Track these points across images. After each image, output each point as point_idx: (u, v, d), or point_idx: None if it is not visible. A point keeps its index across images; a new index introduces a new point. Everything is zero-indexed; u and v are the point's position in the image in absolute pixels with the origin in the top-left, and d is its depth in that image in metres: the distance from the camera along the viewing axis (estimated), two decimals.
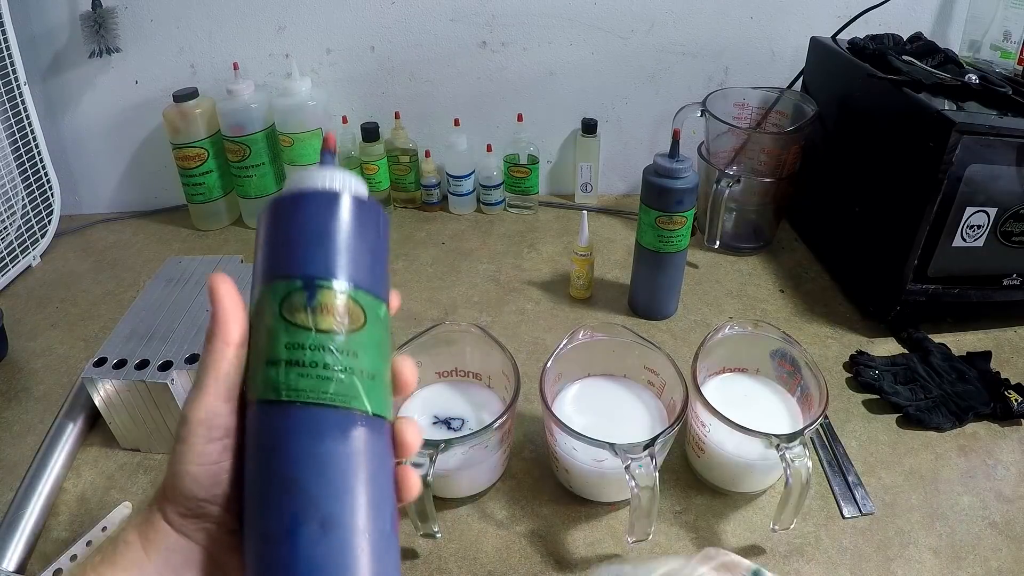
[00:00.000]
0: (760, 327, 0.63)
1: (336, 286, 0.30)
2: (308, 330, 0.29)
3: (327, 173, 0.32)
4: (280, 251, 0.30)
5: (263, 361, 0.29)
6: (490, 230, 1.03)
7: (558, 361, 0.60)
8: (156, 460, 0.65)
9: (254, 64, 1.00)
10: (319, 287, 0.29)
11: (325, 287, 0.29)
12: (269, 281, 0.30)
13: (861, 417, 0.69)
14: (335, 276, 0.30)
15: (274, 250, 0.31)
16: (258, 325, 0.30)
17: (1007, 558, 0.55)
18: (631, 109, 1.06)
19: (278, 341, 0.29)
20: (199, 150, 0.97)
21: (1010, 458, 0.64)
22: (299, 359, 0.28)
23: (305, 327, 0.29)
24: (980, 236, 0.72)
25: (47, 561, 0.55)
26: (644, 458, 0.50)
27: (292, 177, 0.33)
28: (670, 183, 0.73)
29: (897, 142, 0.74)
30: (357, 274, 0.31)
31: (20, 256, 0.95)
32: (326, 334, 0.29)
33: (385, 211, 0.33)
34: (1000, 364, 0.75)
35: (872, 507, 0.59)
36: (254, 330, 0.30)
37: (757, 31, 1.00)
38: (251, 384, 0.29)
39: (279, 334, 0.29)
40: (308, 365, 0.28)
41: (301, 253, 0.30)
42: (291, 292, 0.29)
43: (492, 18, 0.98)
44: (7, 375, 0.77)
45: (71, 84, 1.00)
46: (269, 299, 0.30)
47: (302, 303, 0.29)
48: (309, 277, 0.29)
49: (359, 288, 0.30)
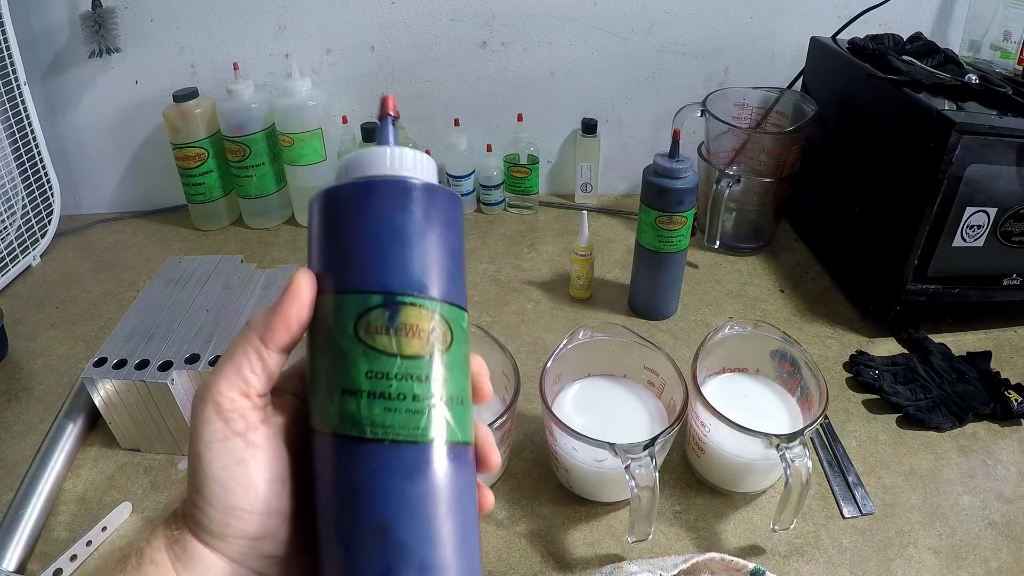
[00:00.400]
0: (760, 327, 0.63)
1: (422, 302, 0.26)
2: (393, 356, 0.25)
3: (398, 155, 0.27)
4: (349, 256, 0.26)
5: (336, 388, 0.25)
6: (490, 230, 1.03)
7: (558, 361, 0.60)
8: (156, 460, 0.65)
9: (254, 64, 1.00)
10: (402, 304, 0.25)
11: (409, 304, 0.25)
12: (336, 292, 0.26)
13: (861, 417, 0.69)
14: (420, 290, 0.26)
15: (340, 254, 0.26)
16: (323, 341, 0.26)
17: (1007, 558, 0.55)
18: (631, 109, 1.06)
19: (356, 368, 0.25)
20: (199, 150, 0.97)
21: (1010, 458, 0.64)
22: (384, 391, 0.25)
23: (389, 353, 0.25)
24: (980, 236, 0.72)
25: (47, 561, 0.55)
26: (644, 458, 0.50)
27: (353, 159, 0.27)
28: (670, 183, 0.73)
29: (897, 142, 0.74)
30: (443, 284, 0.26)
31: (20, 256, 0.95)
32: (413, 360, 0.25)
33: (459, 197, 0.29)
34: (1000, 364, 0.75)
35: (872, 507, 0.59)
36: (317, 344, 0.27)
37: (757, 31, 1.00)
38: (320, 411, 0.26)
39: (356, 359, 0.25)
40: (395, 398, 0.25)
41: (377, 261, 0.26)
42: (368, 310, 0.25)
43: (492, 18, 0.98)
44: (7, 375, 0.77)
45: (71, 84, 1.00)
46: (338, 315, 0.26)
47: (383, 324, 0.25)
48: (390, 292, 0.25)
49: (445, 301, 0.26)
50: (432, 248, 0.26)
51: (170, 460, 0.65)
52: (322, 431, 0.26)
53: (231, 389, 0.26)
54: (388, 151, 0.27)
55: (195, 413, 0.26)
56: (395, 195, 0.26)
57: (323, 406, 0.26)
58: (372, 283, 0.25)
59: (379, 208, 0.26)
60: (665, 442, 0.53)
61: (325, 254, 0.27)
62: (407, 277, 0.26)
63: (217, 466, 0.26)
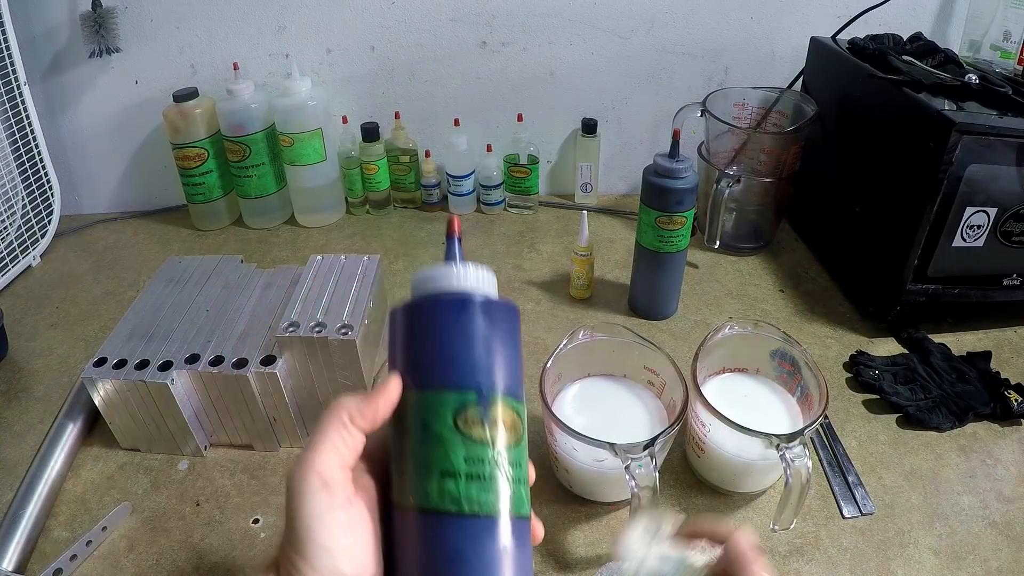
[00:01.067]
0: (760, 327, 0.63)
1: (507, 400, 0.31)
2: (486, 445, 0.30)
3: (474, 274, 0.33)
4: (447, 359, 0.31)
5: (434, 469, 0.29)
6: (490, 230, 1.03)
7: (558, 361, 0.60)
8: (156, 460, 0.65)
9: (254, 64, 1.00)
10: (492, 400, 0.31)
11: (497, 401, 0.31)
12: (433, 388, 0.31)
13: (861, 417, 0.69)
14: (504, 389, 0.31)
15: (438, 357, 0.31)
16: (418, 429, 0.30)
17: (1007, 558, 0.55)
18: (631, 109, 1.06)
19: (455, 453, 0.29)
20: (199, 150, 0.97)
21: (1010, 458, 0.64)
22: (480, 473, 0.30)
23: (483, 442, 0.30)
24: (980, 236, 0.72)
25: (47, 561, 0.55)
26: (644, 458, 0.50)
27: (432, 276, 0.33)
28: (670, 183, 0.73)
29: (897, 142, 0.74)
30: (516, 384, 0.32)
31: (20, 256, 0.95)
32: (500, 448, 0.30)
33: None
34: (1000, 364, 0.75)
35: (872, 507, 0.59)
36: (411, 432, 0.31)
37: (757, 31, 1.00)
38: (413, 490, 0.30)
39: (455, 446, 0.30)
40: (488, 479, 0.30)
41: (473, 364, 0.31)
42: (466, 405, 0.30)
43: (492, 18, 0.98)
44: (7, 375, 0.77)
45: (71, 84, 1.00)
46: (436, 407, 0.30)
47: (479, 417, 0.30)
48: (483, 391, 0.31)
49: (518, 398, 0.32)
50: (508, 354, 0.32)
51: (170, 460, 0.65)
52: (415, 507, 0.30)
53: (332, 461, 0.30)
54: (472, 271, 0.33)
55: (299, 485, 0.29)
56: (482, 311, 0.32)
57: (417, 485, 0.30)
58: (470, 383, 0.31)
59: (471, 321, 0.32)
60: (665, 442, 0.53)
61: (419, 357, 0.32)
62: (494, 379, 0.31)
63: (327, 536, 0.28)
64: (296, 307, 0.64)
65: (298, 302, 0.65)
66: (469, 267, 0.33)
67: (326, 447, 0.30)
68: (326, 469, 0.29)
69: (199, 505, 0.61)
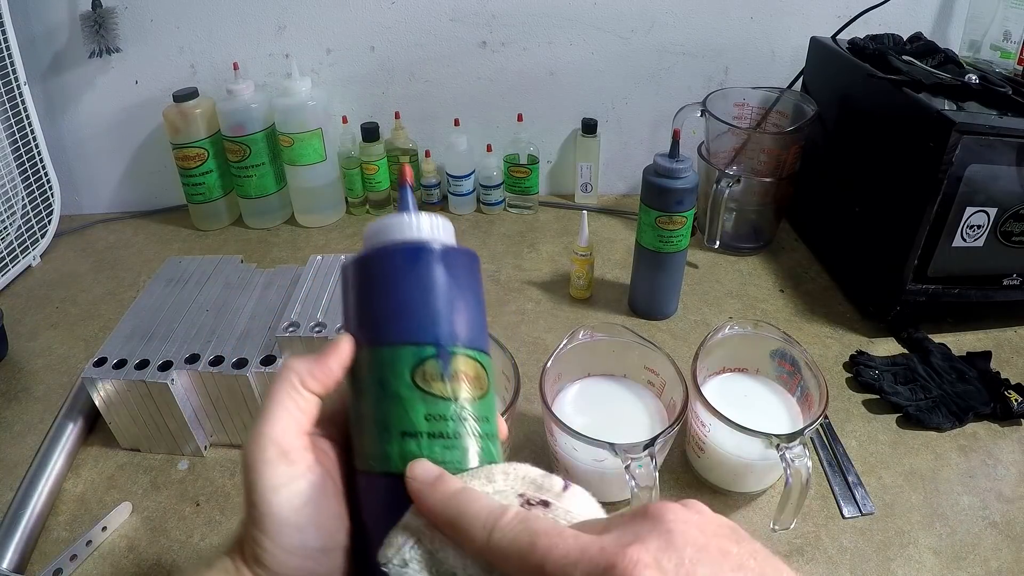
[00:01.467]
0: (760, 327, 0.63)
1: (467, 351, 0.29)
2: (448, 400, 0.28)
3: (427, 222, 0.31)
4: (401, 313, 0.29)
5: (394, 431, 0.28)
6: (490, 230, 1.03)
7: (558, 361, 0.60)
8: (156, 460, 0.65)
9: (254, 64, 1.00)
10: (453, 354, 0.29)
11: (458, 353, 0.29)
12: (388, 344, 0.29)
13: (861, 417, 0.69)
14: (465, 341, 0.29)
15: (391, 311, 0.29)
16: (376, 388, 0.29)
17: (1007, 558, 0.55)
18: (631, 109, 1.06)
19: (415, 412, 0.28)
20: (199, 150, 0.97)
21: (1010, 458, 0.64)
22: (442, 431, 0.28)
23: (444, 397, 0.28)
24: (980, 236, 0.72)
25: (47, 561, 0.55)
26: (644, 458, 0.50)
27: (383, 226, 0.31)
28: (670, 183, 0.73)
29: (897, 142, 0.74)
30: (479, 336, 0.30)
31: (20, 256, 0.95)
32: (463, 403, 0.28)
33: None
34: (1000, 364, 0.75)
35: (872, 507, 0.59)
36: (368, 392, 0.29)
37: (757, 31, 1.00)
38: (374, 454, 0.28)
39: (414, 404, 0.28)
40: (452, 436, 0.28)
41: (429, 316, 0.29)
42: (424, 360, 0.28)
43: (492, 18, 0.98)
44: (7, 375, 0.77)
45: (71, 84, 1.00)
46: (392, 364, 0.28)
47: (438, 372, 0.28)
48: (442, 344, 0.29)
49: (481, 350, 0.30)
50: (468, 304, 0.30)
51: (170, 460, 0.65)
52: (377, 471, 0.28)
53: (288, 428, 0.28)
54: (425, 219, 0.31)
55: (254, 457, 0.27)
56: (437, 260, 0.30)
57: (378, 449, 0.28)
58: (427, 336, 0.29)
59: (424, 270, 0.29)
60: (665, 442, 0.53)
61: (372, 311, 0.30)
62: (454, 330, 0.29)
63: (289, 509, 0.26)
64: (296, 307, 0.64)
65: (298, 302, 0.65)
66: (423, 215, 0.31)
67: (280, 414, 0.28)
68: (282, 437, 0.27)
69: (199, 505, 0.61)
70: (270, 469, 0.27)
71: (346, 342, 0.30)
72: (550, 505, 0.26)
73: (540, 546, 0.22)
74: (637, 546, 0.21)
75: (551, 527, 0.23)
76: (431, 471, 0.27)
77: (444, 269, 0.30)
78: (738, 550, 0.23)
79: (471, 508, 0.25)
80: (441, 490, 0.26)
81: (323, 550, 0.27)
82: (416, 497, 0.26)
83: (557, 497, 0.26)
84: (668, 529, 0.22)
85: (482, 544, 0.24)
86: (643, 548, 0.21)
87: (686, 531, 0.22)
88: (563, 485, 0.27)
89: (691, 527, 0.23)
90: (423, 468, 0.27)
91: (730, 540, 0.23)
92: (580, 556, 0.22)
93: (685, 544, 0.22)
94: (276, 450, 0.27)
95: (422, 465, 0.27)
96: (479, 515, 0.24)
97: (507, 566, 0.23)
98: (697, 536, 0.22)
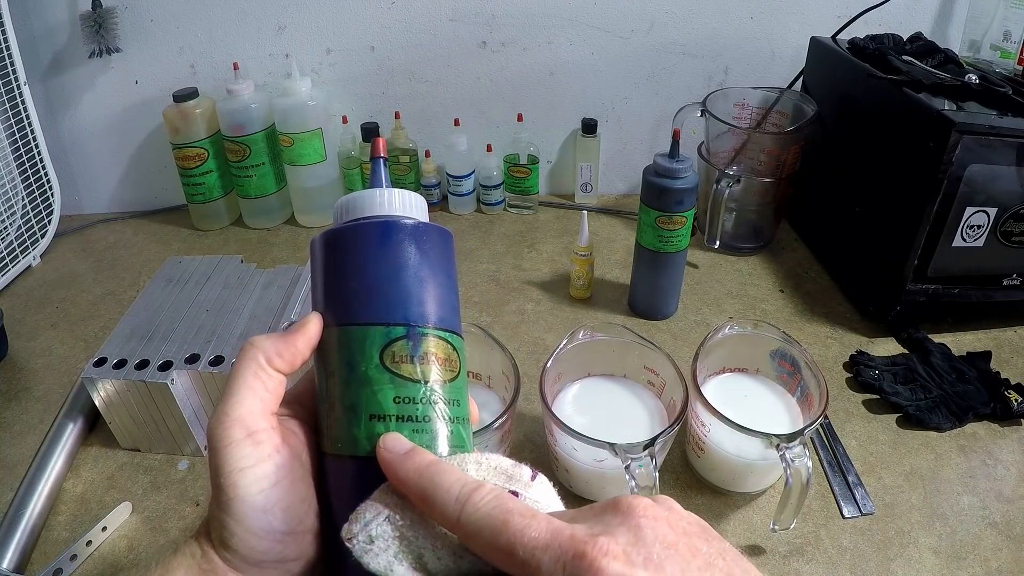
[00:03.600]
0: (760, 327, 0.63)
1: (438, 333, 0.28)
2: (417, 383, 0.27)
3: (399, 198, 0.29)
4: (369, 292, 0.28)
5: (362, 414, 0.27)
6: (490, 230, 1.03)
7: (558, 361, 0.60)
8: (156, 460, 0.65)
9: (254, 64, 1.00)
10: (423, 334, 0.28)
11: (429, 334, 0.28)
12: (357, 324, 0.28)
13: (861, 417, 0.69)
14: (436, 322, 0.28)
15: (359, 289, 0.28)
16: (344, 370, 0.28)
17: (1007, 558, 0.55)
18: (631, 109, 1.06)
19: (383, 394, 0.27)
20: (199, 150, 0.97)
21: (1010, 458, 0.64)
22: (412, 414, 0.27)
23: (414, 379, 0.27)
24: (980, 236, 0.72)
25: (47, 561, 0.55)
26: (644, 458, 0.50)
27: (353, 201, 0.30)
28: (670, 183, 0.73)
29: (897, 142, 0.74)
30: (451, 316, 0.29)
31: (20, 256, 0.95)
32: (434, 385, 0.28)
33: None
34: (1000, 364, 0.75)
35: (872, 507, 0.59)
36: (336, 374, 0.28)
37: (757, 31, 1.00)
38: (342, 437, 0.27)
39: (382, 386, 0.27)
40: (421, 420, 0.27)
41: (399, 296, 0.28)
42: (392, 341, 0.27)
43: (492, 18, 0.98)
44: (7, 375, 0.77)
45: (71, 84, 1.00)
46: (360, 345, 0.27)
47: (407, 353, 0.27)
48: (412, 324, 0.28)
49: (452, 331, 0.29)
50: (439, 283, 0.29)
51: (170, 460, 0.65)
52: (345, 454, 0.27)
53: (253, 408, 0.27)
54: (397, 194, 0.29)
55: (219, 438, 0.26)
56: (408, 236, 0.29)
57: (345, 431, 0.27)
58: (396, 316, 0.28)
59: (394, 248, 0.28)
60: (665, 442, 0.53)
61: (341, 290, 0.29)
62: (425, 310, 0.28)
63: (255, 490, 0.26)
64: (296, 307, 0.64)
65: (298, 302, 0.65)
66: (394, 191, 0.30)
67: (245, 394, 0.27)
68: (248, 417, 0.27)
69: (199, 505, 0.61)
70: (236, 451, 0.26)
71: (314, 321, 0.29)
72: (519, 495, 0.25)
73: (512, 525, 0.22)
74: (607, 537, 0.21)
75: (524, 508, 0.23)
76: (403, 444, 0.26)
77: (415, 247, 0.29)
78: (707, 548, 0.23)
79: (444, 480, 0.24)
80: (414, 461, 0.25)
81: (291, 533, 0.27)
82: (387, 468, 0.25)
83: (526, 487, 0.26)
84: (638, 524, 0.22)
85: (453, 517, 0.23)
86: (612, 540, 0.21)
87: (656, 526, 0.22)
88: (531, 474, 0.27)
89: (661, 523, 0.23)
90: (395, 440, 0.26)
91: (700, 538, 0.23)
92: (551, 541, 0.21)
93: (655, 539, 0.22)
94: (242, 431, 0.26)
95: (394, 438, 0.26)
96: (452, 488, 0.24)
97: (476, 543, 0.23)
98: (667, 532, 0.22)
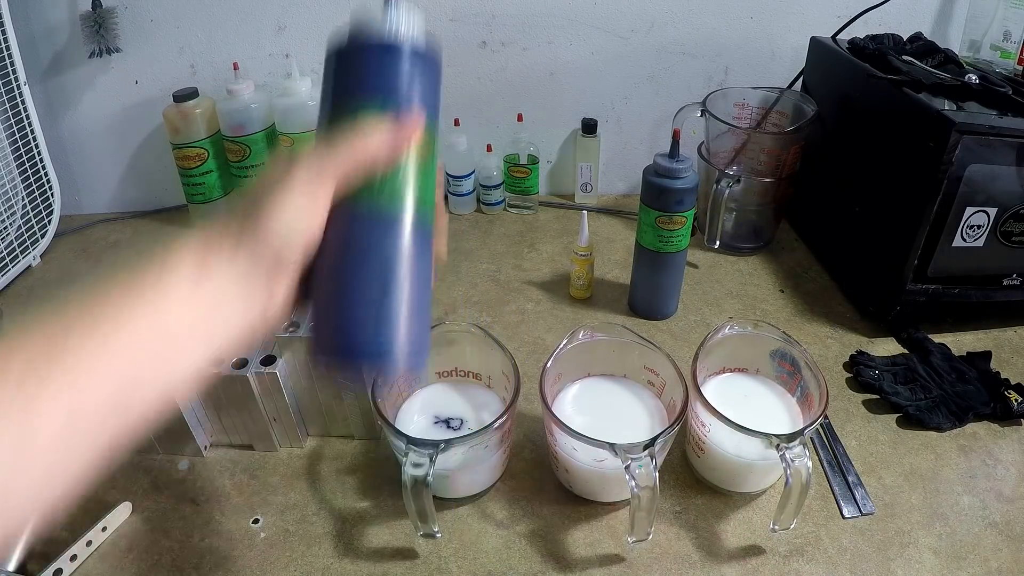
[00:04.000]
0: (760, 327, 0.63)
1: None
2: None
3: (408, 17, 0.38)
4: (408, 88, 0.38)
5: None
6: (490, 230, 1.03)
7: (558, 361, 0.60)
8: (156, 460, 0.65)
9: (254, 64, 1.00)
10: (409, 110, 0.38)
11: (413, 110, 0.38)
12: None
13: (861, 417, 0.69)
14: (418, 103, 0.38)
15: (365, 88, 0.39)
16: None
17: (1007, 558, 0.55)
18: (631, 109, 1.06)
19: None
20: (199, 150, 0.97)
21: (1010, 458, 0.64)
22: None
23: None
24: (980, 236, 0.72)
25: (47, 561, 0.55)
26: (644, 458, 0.50)
27: (360, 25, 0.39)
28: (670, 183, 0.73)
29: (897, 142, 0.74)
30: (431, 108, 0.39)
31: (20, 256, 0.95)
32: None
33: None
34: (1000, 364, 0.75)
35: (872, 507, 0.59)
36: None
37: (757, 31, 1.00)
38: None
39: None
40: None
41: (424, 92, 0.38)
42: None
43: (492, 18, 0.98)
44: None
45: (71, 84, 1.00)
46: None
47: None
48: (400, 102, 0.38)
49: (432, 119, 0.39)
50: (428, 88, 0.39)
51: (170, 460, 0.65)
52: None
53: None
54: (403, 12, 0.38)
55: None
56: (408, 57, 0.38)
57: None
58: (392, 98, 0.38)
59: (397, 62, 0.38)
60: (665, 442, 0.53)
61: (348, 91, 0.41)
62: (412, 96, 0.38)
63: (286, 199, 0.35)
64: None
65: None
66: (402, 6, 0.38)
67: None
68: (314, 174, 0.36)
69: (199, 505, 0.61)
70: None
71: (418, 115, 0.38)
72: None
73: None
74: None
75: None
76: None
77: (411, 63, 0.38)
78: None
79: None
80: None
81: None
82: None
83: None
84: None
85: None
86: None
87: None
88: None
89: None
90: None
91: None
92: None
93: None
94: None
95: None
96: None
97: None
98: None
